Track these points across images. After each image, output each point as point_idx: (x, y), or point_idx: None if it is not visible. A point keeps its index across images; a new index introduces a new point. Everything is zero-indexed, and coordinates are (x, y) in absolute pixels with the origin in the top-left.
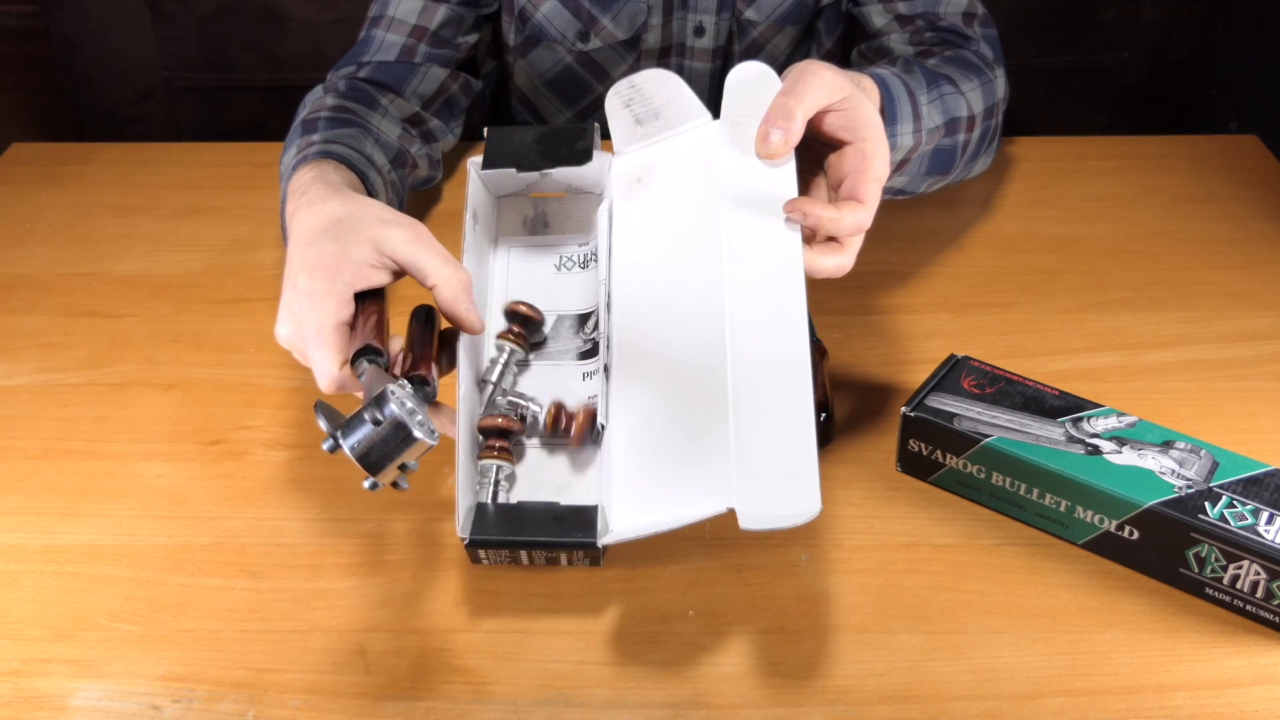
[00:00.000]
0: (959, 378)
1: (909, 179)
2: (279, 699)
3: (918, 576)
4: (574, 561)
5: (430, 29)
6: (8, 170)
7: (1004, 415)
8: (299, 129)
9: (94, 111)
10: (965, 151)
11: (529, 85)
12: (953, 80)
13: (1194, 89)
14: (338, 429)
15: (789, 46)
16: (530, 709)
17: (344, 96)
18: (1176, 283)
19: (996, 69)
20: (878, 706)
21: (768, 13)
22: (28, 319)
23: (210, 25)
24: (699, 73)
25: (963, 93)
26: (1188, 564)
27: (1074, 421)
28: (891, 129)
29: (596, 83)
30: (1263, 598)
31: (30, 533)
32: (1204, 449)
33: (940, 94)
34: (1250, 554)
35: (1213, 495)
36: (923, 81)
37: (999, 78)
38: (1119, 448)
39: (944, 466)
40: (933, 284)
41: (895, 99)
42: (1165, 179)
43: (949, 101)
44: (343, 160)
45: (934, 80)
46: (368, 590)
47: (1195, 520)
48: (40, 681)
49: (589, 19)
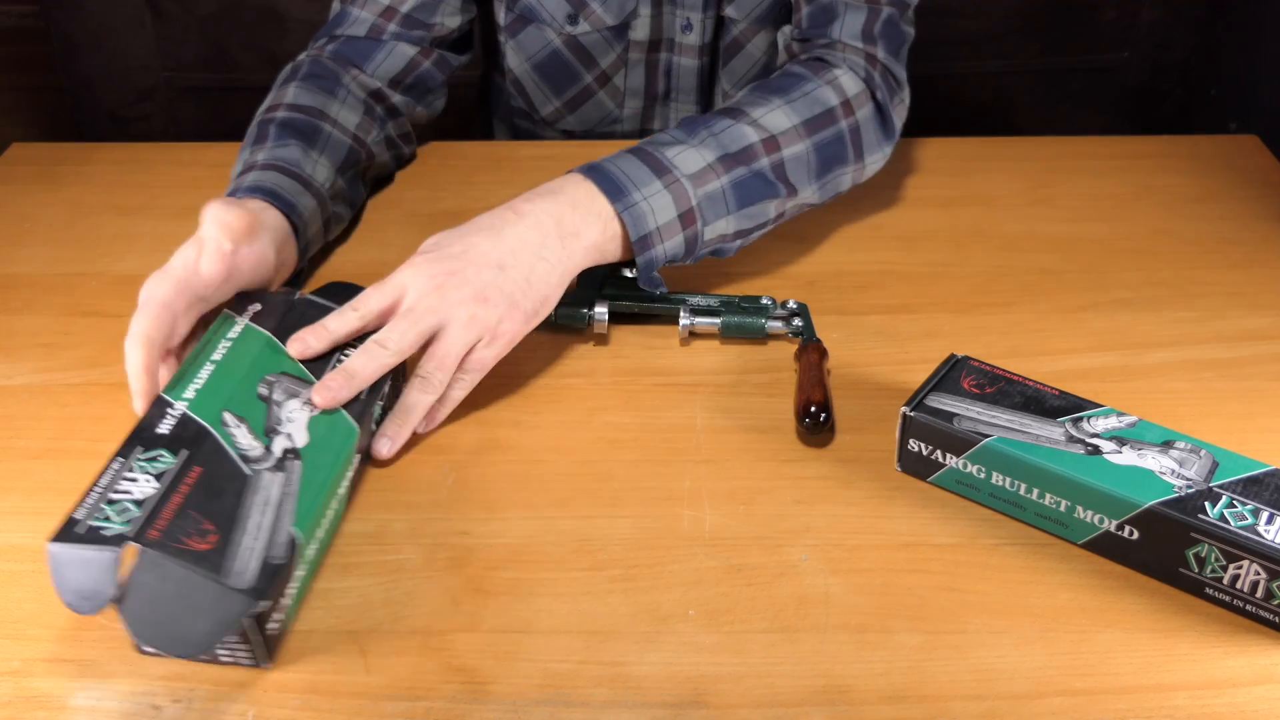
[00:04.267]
0: (959, 378)
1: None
2: (279, 699)
3: (918, 576)
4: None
5: (401, 11)
6: (7, 170)
7: (1004, 415)
8: (255, 130)
9: (94, 111)
10: (786, 168)
11: (520, 68)
12: (736, 110)
13: (1194, 89)
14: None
15: (768, 47)
16: (530, 709)
17: (307, 80)
18: (1176, 283)
19: (854, 64)
20: (878, 706)
21: (746, 11)
22: (28, 319)
23: (210, 25)
24: (686, 69)
25: (751, 119)
26: (1187, 564)
27: (1074, 421)
28: (624, 200)
29: (585, 71)
30: (1263, 597)
31: (30, 533)
32: (1204, 449)
33: (710, 132)
34: (1250, 554)
35: (1213, 495)
36: (685, 133)
37: (847, 77)
38: (1119, 447)
39: (944, 466)
40: (933, 284)
41: (613, 175)
42: (1165, 179)
43: (725, 138)
44: (270, 196)
45: (702, 124)
46: (368, 590)
47: (1195, 520)
48: (40, 681)
49: (578, 2)
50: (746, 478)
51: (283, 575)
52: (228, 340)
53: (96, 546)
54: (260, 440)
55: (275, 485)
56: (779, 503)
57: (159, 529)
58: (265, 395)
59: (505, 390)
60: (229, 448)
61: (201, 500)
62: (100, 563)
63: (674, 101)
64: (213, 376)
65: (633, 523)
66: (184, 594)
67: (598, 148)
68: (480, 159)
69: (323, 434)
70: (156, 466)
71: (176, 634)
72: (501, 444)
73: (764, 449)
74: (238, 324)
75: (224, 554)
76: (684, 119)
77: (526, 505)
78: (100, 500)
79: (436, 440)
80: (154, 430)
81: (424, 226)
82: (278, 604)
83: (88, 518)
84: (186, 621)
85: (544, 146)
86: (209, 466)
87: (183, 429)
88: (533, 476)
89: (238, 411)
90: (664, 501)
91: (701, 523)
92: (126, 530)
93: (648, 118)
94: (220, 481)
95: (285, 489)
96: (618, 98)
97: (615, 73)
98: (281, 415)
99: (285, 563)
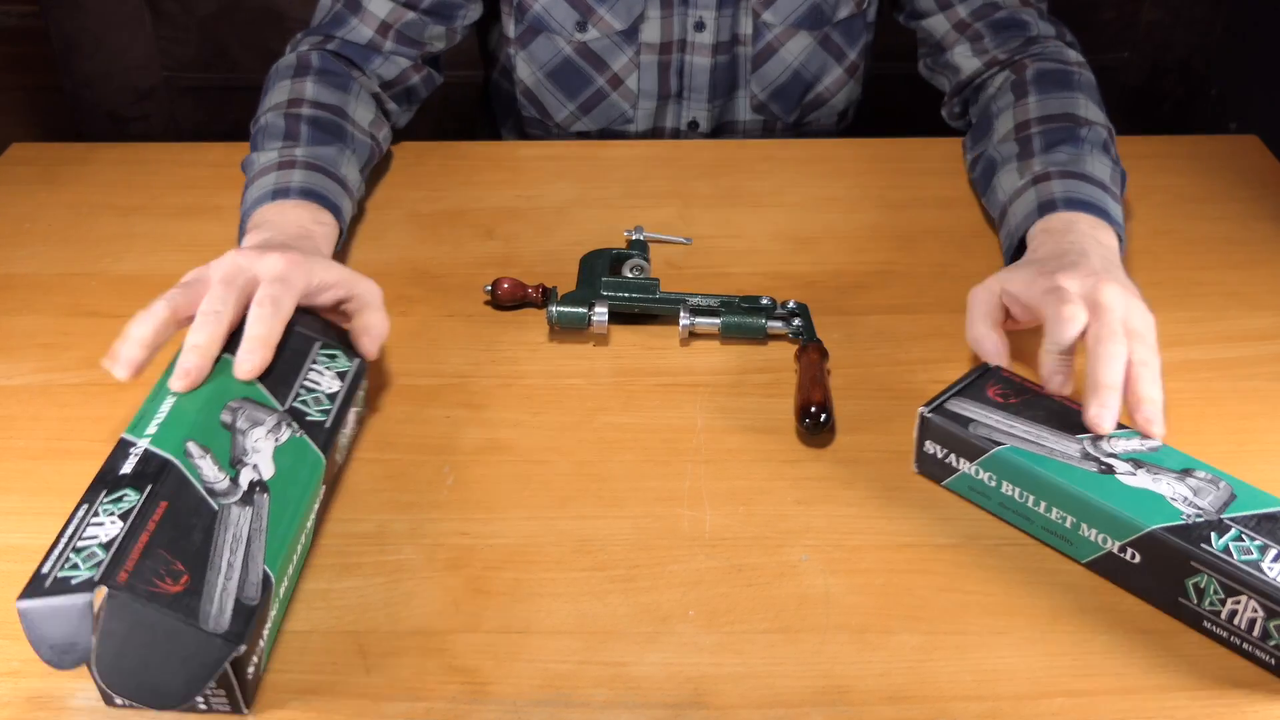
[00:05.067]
0: (985, 386)
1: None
2: (279, 699)
3: (918, 576)
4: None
5: (395, 28)
6: (8, 170)
7: (1022, 426)
8: (281, 123)
9: (94, 111)
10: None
11: (531, 78)
12: (1072, 116)
13: (1194, 89)
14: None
15: (803, 53)
16: (530, 709)
17: (324, 76)
18: (1176, 283)
19: (1065, 47)
20: (878, 706)
21: (784, 16)
22: (28, 319)
23: (210, 25)
24: (700, 68)
25: (1085, 119)
26: (1187, 594)
27: (1094, 440)
28: (1109, 218)
29: (597, 74)
30: (1259, 636)
31: (30, 533)
32: (1224, 480)
33: (1090, 145)
34: (1249, 589)
35: (1221, 526)
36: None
37: (1072, 49)
38: (1134, 469)
39: (957, 471)
40: (933, 284)
41: (1091, 203)
42: (1165, 179)
43: (1092, 138)
44: (323, 202)
45: (1072, 137)
46: (368, 590)
47: (1197, 549)
48: (40, 681)
49: (586, 9)
50: (746, 478)
51: (260, 617)
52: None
53: (65, 595)
54: (226, 471)
55: (244, 520)
56: (779, 503)
57: (127, 570)
58: (229, 423)
59: (505, 390)
60: (194, 481)
61: (169, 538)
62: (70, 611)
63: (687, 100)
64: (173, 410)
65: (633, 523)
66: (157, 641)
67: (599, 148)
68: (480, 159)
69: (289, 465)
70: (121, 506)
71: (153, 684)
72: (501, 444)
73: (764, 449)
74: None
75: (199, 595)
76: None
77: (526, 505)
78: (67, 549)
79: (436, 440)
80: (117, 472)
81: (424, 226)
82: (255, 647)
83: (55, 569)
84: (162, 671)
85: (544, 146)
86: (174, 502)
87: (145, 465)
88: (533, 477)
89: (202, 440)
90: (664, 501)
91: (701, 523)
92: (93, 576)
93: (660, 116)
94: (187, 517)
95: (254, 525)
96: (631, 99)
97: (628, 75)
98: (247, 445)
99: (260, 604)
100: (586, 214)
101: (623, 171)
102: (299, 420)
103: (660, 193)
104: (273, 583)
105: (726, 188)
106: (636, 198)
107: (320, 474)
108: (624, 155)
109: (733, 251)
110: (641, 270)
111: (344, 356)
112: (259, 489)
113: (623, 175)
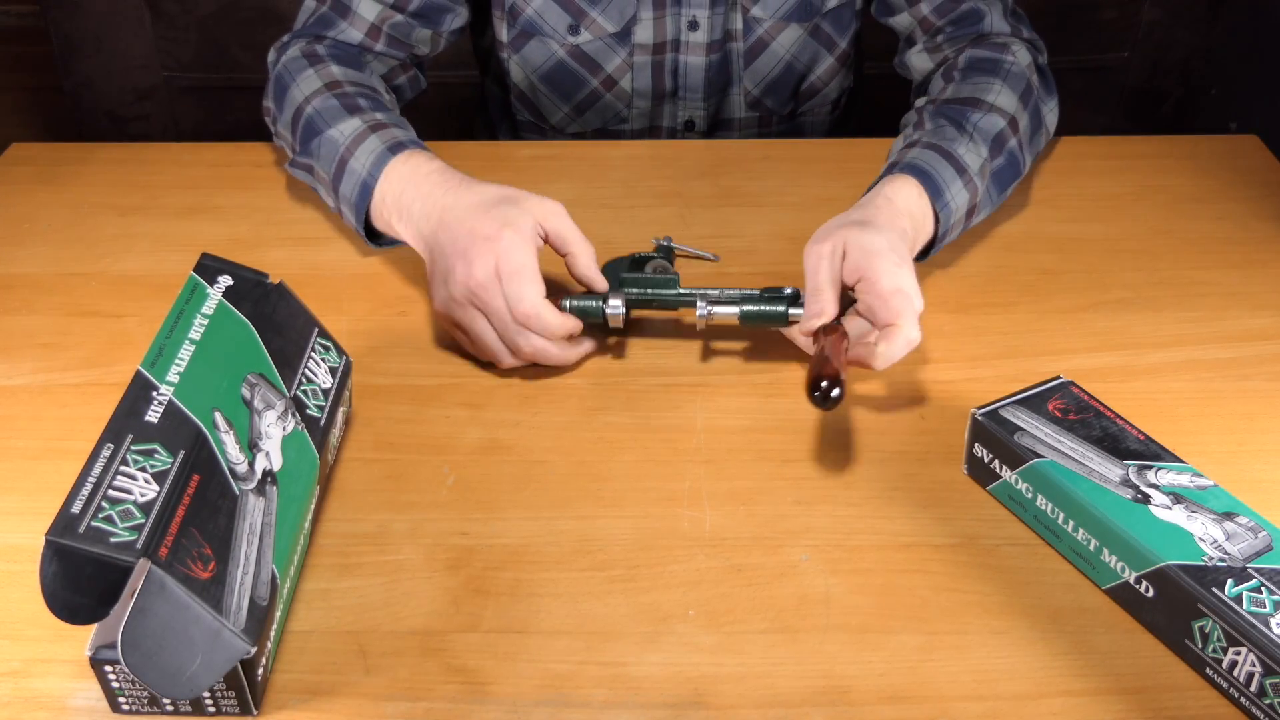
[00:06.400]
0: (1048, 398)
1: (986, 210)
2: (279, 699)
3: (918, 576)
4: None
5: (384, 30)
6: (7, 170)
7: (1070, 442)
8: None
9: (94, 111)
10: (1023, 145)
11: (525, 81)
12: (975, 101)
13: (1194, 89)
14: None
15: (795, 45)
16: (530, 709)
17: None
18: (1176, 283)
19: (1018, 42)
20: (878, 706)
21: (773, 9)
22: (28, 319)
23: (210, 25)
24: (694, 67)
25: (992, 105)
26: (1193, 636)
27: (1140, 468)
28: (940, 200)
29: (590, 76)
30: (1256, 693)
31: (30, 533)
32: (1266, 530)
33: (974, 125)
34: (1250, 642)
35: (1242, 575)
36: (950, 128)
37: (1019, 48)
38: (1171, 504)
39: (1000, 478)
40: (933, 284)
41: (931, 173)
42: (1165, 179)
43: (983, 126)
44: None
45: (961, 117)
46: (368, 590)
47: (1206, 592)
48: (40, 681)
49: (578, 12)
50: (746, 478)
51: (269, 617)
52: (203, 317)
53: (103, 549)
54: (245, 454)
55: (258, 513)
56: (779, 503)
57: (167, 545)
58: (248, 399)
59: (505, 390)
60: (221, 458)
61: (201, 516)
62: (109, 570)
63: (682, 99)
64: (194, 360)
65: (633, 523)
66: (181, 626)
67: (598, 148)
68: (480, 159)
69: (293, 459)
70: (154, 465)
71: (165, 668)
72: (501, 444)
73: (764, 449)
74: (210, 297)
75: (223, 586)
76: (936, 108)
77: (526, 505)
78: (98, 495)
79: (436, 440)
80: (143, 418)
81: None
82: (264, 648)
83: (88, 515)
84: (177, 656)
85: (544, 146)
86: (206, 477)
87: (174, 423)
88: (533, 477)
89: (227, 413)
90: (664, 501)
91: (701, 523)
92: (134, 540)
93: (656, 115)
94: (215, 497)
95: (265, 518)
96: (625, 99)
97: (621, 76)
98: (261, 428)
99: (268, 603)
100: (586, 214)
101: (622, 171)
102: (300, 412)
103: (660, 192)
104: (278, 583)
105: (725, 187)
106: (636, 197)
107: (315, 474)
108: (623, 155)
109: (731, 251)
110: (665, 270)
111: (335, 350)
112: (270, 480)
113: (622, 175)
